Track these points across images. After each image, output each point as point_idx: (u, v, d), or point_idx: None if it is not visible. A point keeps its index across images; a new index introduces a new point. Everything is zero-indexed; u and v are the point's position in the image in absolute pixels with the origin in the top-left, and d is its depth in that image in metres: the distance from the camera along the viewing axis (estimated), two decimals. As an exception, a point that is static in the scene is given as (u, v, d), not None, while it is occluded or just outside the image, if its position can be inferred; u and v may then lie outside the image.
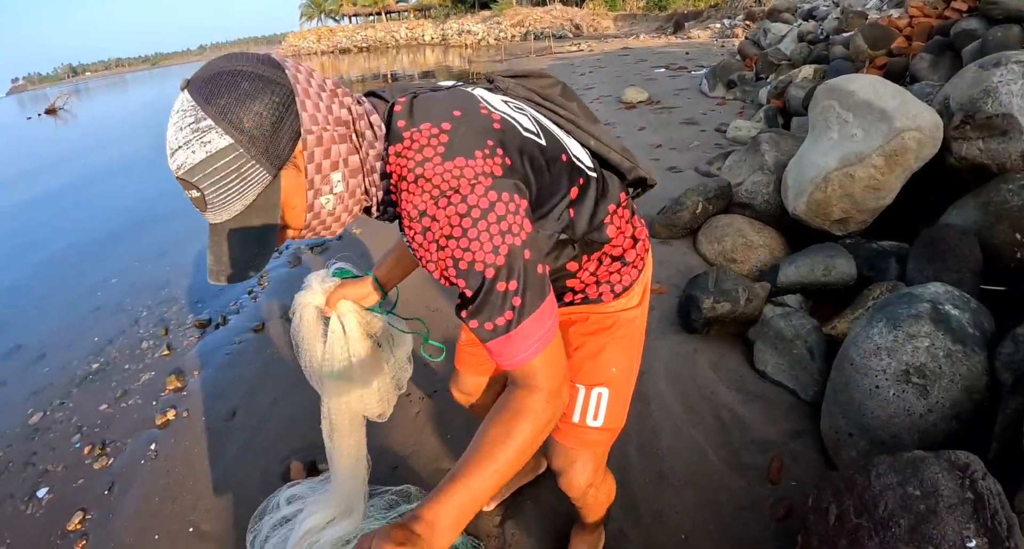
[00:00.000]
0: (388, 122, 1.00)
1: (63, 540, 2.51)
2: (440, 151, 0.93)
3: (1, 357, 4.10)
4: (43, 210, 7.31)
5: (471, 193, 0.90)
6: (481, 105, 1.03)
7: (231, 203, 0.89)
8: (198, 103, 0.83)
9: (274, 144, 0.87)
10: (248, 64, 0.87)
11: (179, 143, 0.84)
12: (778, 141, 3.96)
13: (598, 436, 1.41)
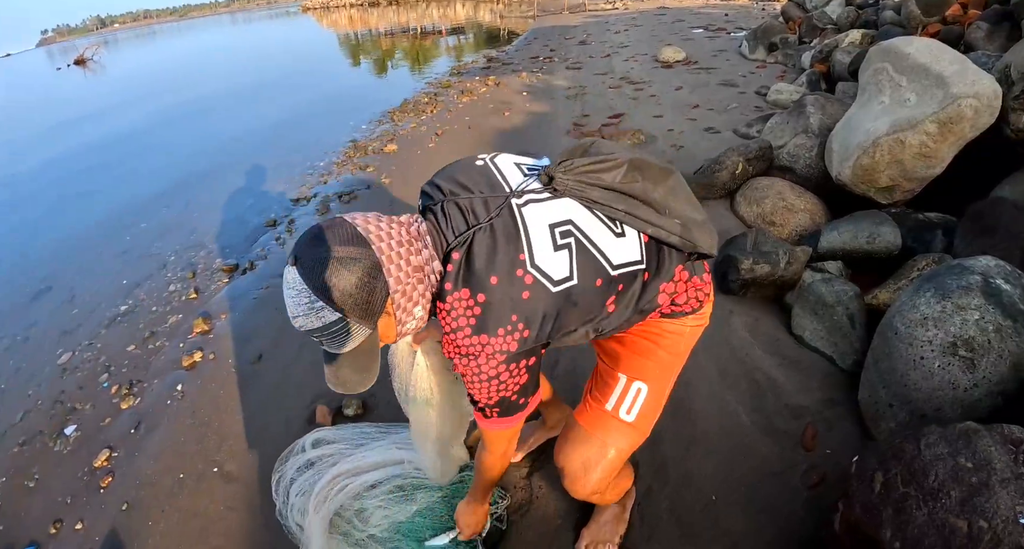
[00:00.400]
0: (443, 264, 1.20)
1: (90, 476, 2.50)
2: (472, 323, 1.16)
3: (31, 298, 4.11)
4: (77, 161, 7.31)
5: (485, 363, 1.18)
6: (520, 260, 1.17)
7: (342, 346, 1.14)
8: (309, 287, 1.05)
9: (370, 309, 1.10)
10: (342, 247, 1.07)
11: (297, 313, 1.08)
12: (824, 104, 3.77)
13: (623, 432, 1.47)
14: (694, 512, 1.92)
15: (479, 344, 1.16)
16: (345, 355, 1.17)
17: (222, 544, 2.07)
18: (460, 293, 1.16)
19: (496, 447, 1.45)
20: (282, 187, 5.34)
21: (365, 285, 1.08)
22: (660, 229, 1.30)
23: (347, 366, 1.18)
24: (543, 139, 5.41)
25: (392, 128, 6.48)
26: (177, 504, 2.25)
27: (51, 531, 2.30)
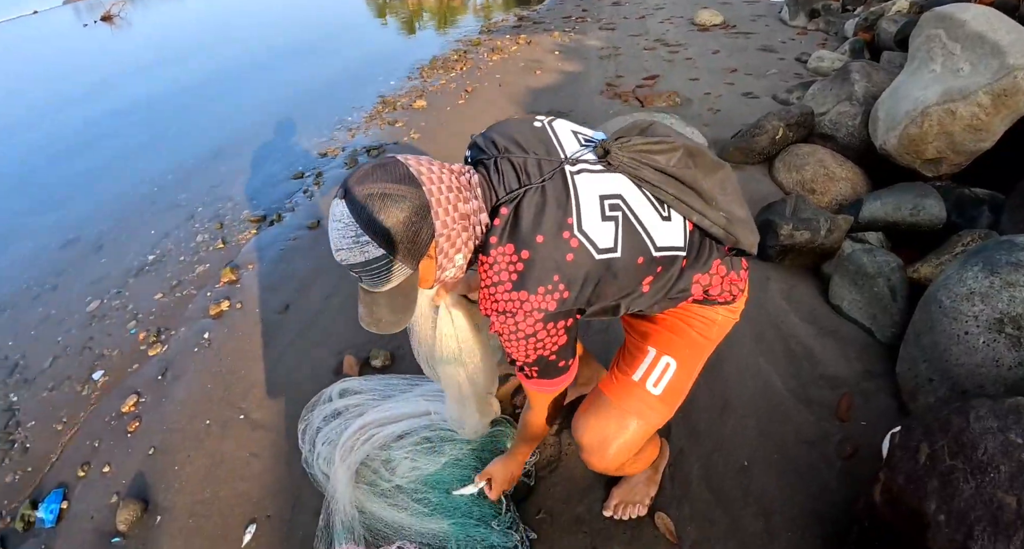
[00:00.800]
0: (490, 218, 1.19)
1: (118, 421, 2.52)
2: (513, 279, 1.15)
3: (60, 247, 4.13)
4: (104, 114, 7.32)
5: (523, 320, 1.17)
6: (568, 223, 1.16)
7: (381, 285, 1.15)
8: (357, 221, 1.05)
9: (414, 249, 1.11)
10: (394, 184, 1.07)
11: (343, 246, 1.09)
12: (870, 72, 3.61)
13: (649, 403, 1.43)
14: (726, 476, 1.89)
15: (518, 300, 1.16)
16: (383, 294, 1.17)
17: (247, 489, 2.08)
18: (505, 248, 1.16)
19: (539, 407, 1.45)
20: (310, 141, 5.29)
21: (412, 224, 1.08)
22: (705, 218, 1.32)
23: (384, 305, 1.19)
24: (575, 98, 5.29)
25: (421, 84, 6.38)
26: (203, 449, 2.26)
27: (79, 473, 2.33)
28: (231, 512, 2.01)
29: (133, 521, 2.05)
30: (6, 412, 2.75)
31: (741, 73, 5.49)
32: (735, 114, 4.48)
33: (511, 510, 1.78)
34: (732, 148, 3.74)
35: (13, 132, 6.81)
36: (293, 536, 1.89)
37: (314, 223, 3.73)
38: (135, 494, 2.16)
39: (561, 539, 1.76)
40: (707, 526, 1.75)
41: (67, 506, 2.22)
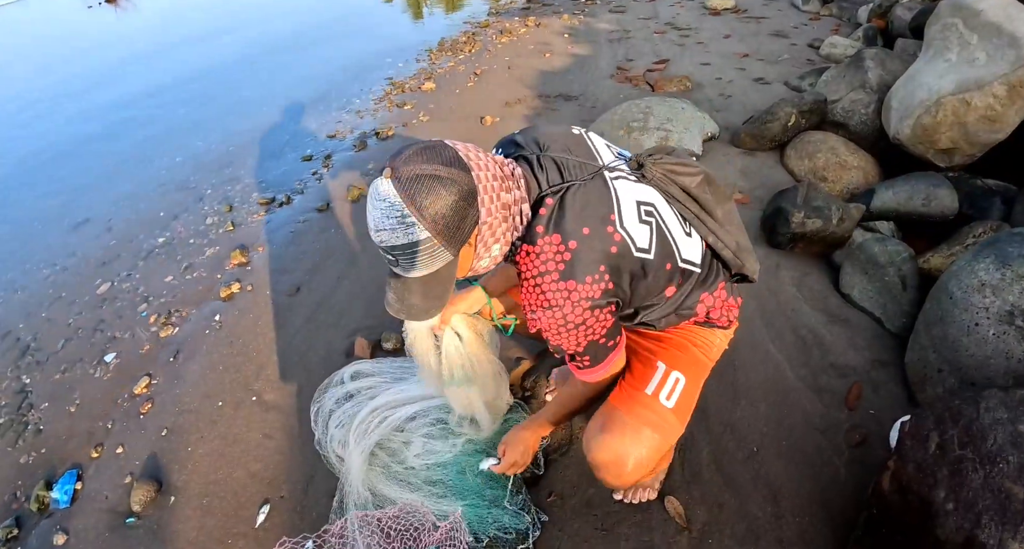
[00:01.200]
0: (537, 210, 1.20)
1: (130, 402, 2.54)
2: (560, 268, 1.16)
3: (71, 229, 4.14)
4: (113, 98, 7.31)
5: (571, 311, 1.18)
6: (611, 219, 1.20)
7: (417, 271, 1.13)
8: (404, 201, 1.04)
9: (459, 235, 1.10)
10: (444, 167, 1.06)
11: (385, 227, 1.07)
12: (884, 60, 3.58)
13: (663, 415, 1.43)
14: (735, 461, 1.90)
15: (565, 290, 1.17)
16: (418, 280, 1.17)
17: (260, 470, 2.10)
18: (551, 238, 1.17)
19: (590, 390, 1.48)
20: (319, 123, 5.27)
21: (459, 209, 1.08)
22: (719, 240, 1.43)
23: (418, 292, 1.18)
24: (585, 82, 5.25)
25: (429, 67, 6.33)
26: (216, 431, 2.28)
27: (93, 454, 2.35)
28: (244, 492, 2.03)
29: (147, 501, 2.08)
30: (19, 394, 2.77)
31: (753, 58, 5.44)
32: (746, 100, 4.44)
33: (523, 492, 1.79)
34: (744, 134, 3.72)
35: (23, 116, 6.80)
36: (306, 516, 1.91)
37: (323, 206, 3.73)
38: (149, 475, 2.18)
39: (572, 521, 1.77)
40: (716, 510, 1.77)
41: (81, 487, 2.24)
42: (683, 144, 3.61)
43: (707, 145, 3.78)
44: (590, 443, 1.44)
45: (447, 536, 1.50)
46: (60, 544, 2.05)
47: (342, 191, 3.84)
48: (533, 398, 2.15)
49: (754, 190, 3.30)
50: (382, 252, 1.14)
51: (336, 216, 3.61)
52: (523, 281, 1.22)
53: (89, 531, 2.06)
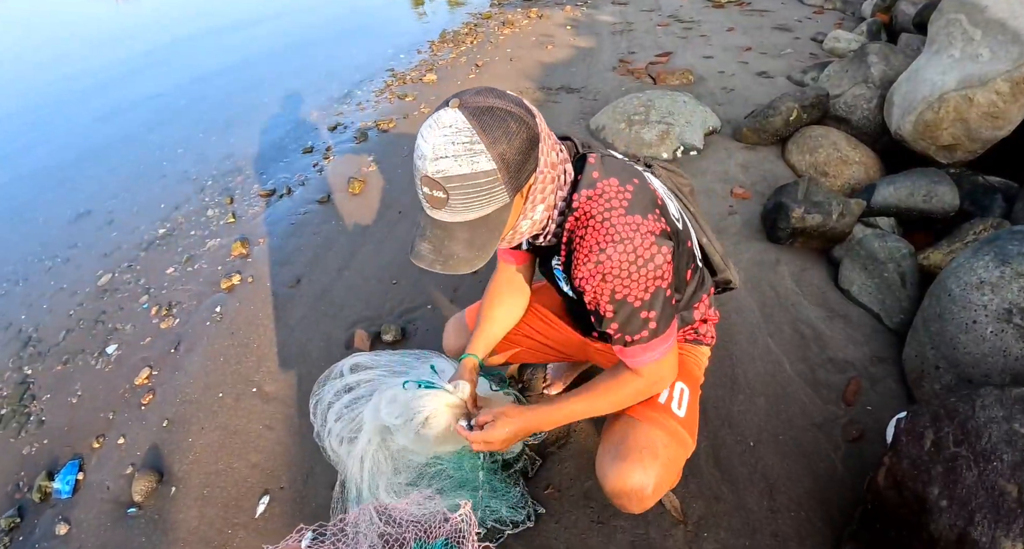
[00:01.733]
0: (579, 169, 1.21)
1: (131, 393, 2.55)
2: (624, 205, 1.15)
3: (72, 220, 4.15)
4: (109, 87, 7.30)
5: (640, 244, 1.14)
6: (649, 182, 1.26)
7: (470, 212, 1.06)
8: (474, 128, 0.99)
9: (519, 176, 1.06)
10: (514, 106, 1.05)
11: (448, 153, 1.00)
12: (888, 54, 3.57)
13: (679, 423, 1.42)
14: (733, 455, 1.91)
15: (634, 224, 1.14)
16: (465, 225, 1.10)
17: (261, 461, 2.11)
18: (609, 180, 1.18)
19: (663, 377, 1.34)
20: (319, 114, 5.27)
21: (524, 150, 1.05)
22: (712, 243, 1.49)
23: (462, 239, 1.11)
24: (587, 74, 5.24)
25: (431, 58, 6.33)
26: (216, 422, 2.29)
27: (94, 445, 2.37)
28: (245, 483, 2.05)
29: (149, 491, 2.09)
30: (21, 385, 2.79)
31: (756, 52, 5.43)
32: (749, 93, 4.44)
33: (520, 484, 1.80)
34: (745, 128, 3.72)
35: (23, 109, 6.80)
36: (306, 507, 1.92)
37: (324, 197, 3.73)
38: (150, 465, 2.19)
39: (568, 514, 1.79)
40: (713, 503, 1.78)
41: (83, 477, 2.26)
42: (684, 138, 3.61)
43: (708, 139, 3.78)
44: (607, 472, 1.37)
45: (457, 528, 1.51)
46: (62, 534, 2.07)
47: (343, 183, 3.84)
48: (528, 391, 2.17)
49: (755, 185, 3.30)
50: (426, 192, 1.06)
51: (337, 208, 3.62)
52: (589, 226, 1.17)
53: (91, 521, 2.08)
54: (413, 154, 1.07)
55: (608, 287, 1.17)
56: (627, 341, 1.23)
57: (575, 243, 1.21)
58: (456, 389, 1.49)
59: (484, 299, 1.68)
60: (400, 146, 4.27)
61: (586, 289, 1.21)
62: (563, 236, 1.25)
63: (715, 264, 1.51)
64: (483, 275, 2.79)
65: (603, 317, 1.23)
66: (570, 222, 1.21)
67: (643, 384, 1.32)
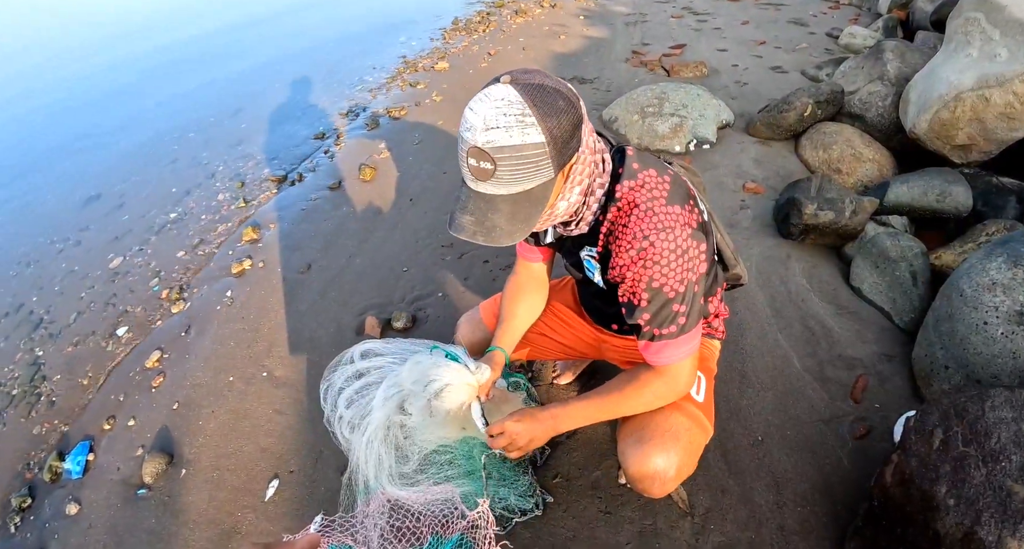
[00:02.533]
0: (619, 161, 1.24)
1: (142, 376, 2.57)
2: (664, 194, 1.19)
3: (82, 204, 4.16)
4: (122, 73, 7.30)
5: (680, 234, 1.17)
6: (681, 175, 1.28)
7: (515, 184, 1.07)
8: (526, 102, 1.02)
9: (565, 152, 1.08)
10: (562, 87, 1.07)
11: (499, 124, 1.01)
12: (904, 52, 3.54)
13: (697, 409, 1.44)
14: (740, 449, 1.92)
15: (674, 213, 1.18)
16: (509, 198, 1.10)
17: (270, 445, 2.13)
18: (649, 171, 1.22)
19: (683, 379, 1.33)
20: (331, 100, 5.27)
21: (571, 128, 1.07)
22: (725, 237, 1.50)
23: (505, 212, 1.11)
24: (600, 65, 5.22)
25: (443, 46, 6.30)
26: (226, 405, 2.31)
27: (105, 427, 2.39)
28: (255, 466, 2.07)
29: (158, 473, 2.11)
30: (32, 366, 2.81)
31: (770, 46, 5.39)
32: (763, 88, 4.41)
33: (529, 473, 1.81)
34: (759, 123, 3.70)
35: (30, 91, 6.81)
36: (316, 492, 1.94)
37: (335, 184, 3.73)
38: (160, 447, 2.21)
39: (576, 503, 1.80)
40: (720, 495, 1.79)
41: (93, 458, 2.28)
42: (697, 131, 3.59)
43: (721, 133, 3.76)
44: (629, 456, 1.38)
45: (473, 525, 1.52)
46: (73, 514, 2.09)
47: (354, 170, 3.84)
48: (538, 381, 2.17)
49: (767, 179, 3.29)
50: (472, 164, 1.07)
51: (348, 194, 3.62)
52: (633, 215, 1.20)
53: (101, 502, 2.10)
54: (459, 128, 1.08)
55: (647, 274, 1.19)
56: (655, 334, 1.24)
57: (617, 231, 1.24)
58: (477, 370, 1.49)
59: (505, 295, 1.69)
60: (412, 133, 4.26)
61: (626, 276, 1.24)
62: (603, 226, 1.27)
63: (727, 259, 1.52)
64: (494, 264, 2.80)
65: (636, 307, 1.24)
66: (612, 212, 1.23)
67: (663, 386, 1.32)
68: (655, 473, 1.35)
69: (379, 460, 1.80)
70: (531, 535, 1.73)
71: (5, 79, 7.19)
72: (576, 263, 1.44)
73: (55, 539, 2.05)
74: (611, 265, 1.27)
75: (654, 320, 1.23)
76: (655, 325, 1.23)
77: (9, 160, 5.05)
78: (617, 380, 1.38)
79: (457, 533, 1.48)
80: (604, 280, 1.36)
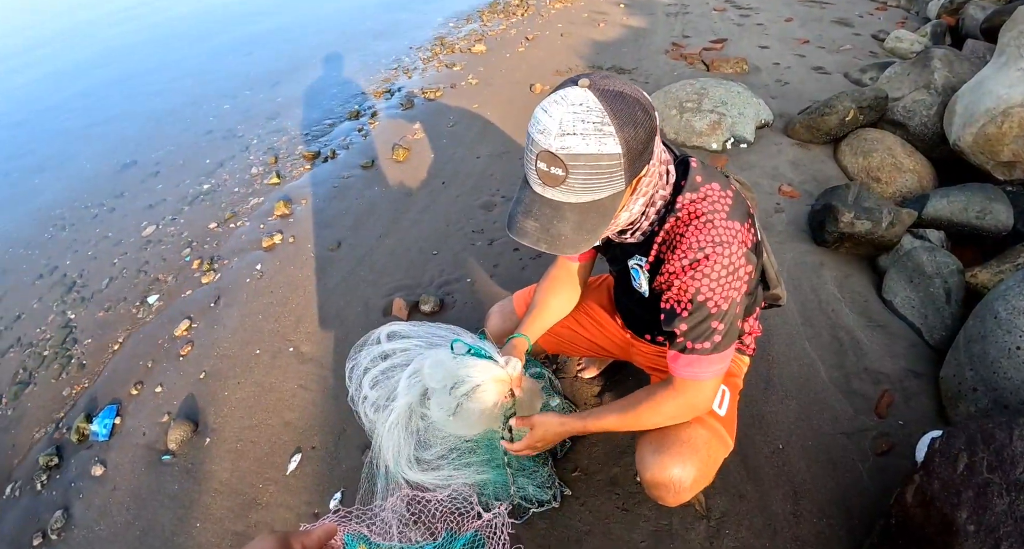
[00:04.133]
0: (681, 174, 1.22)
1: (170, 344, 2.61)
2: (726, 209, 1.18)
3: (119, 170, 4.23)
4: (161, 43, 7.35)
5: (735, 251, 1.16)
6: (743, 190, 1.30)
7: (585, 193, 1.05)
8: (605, 109, 0.99)
9: (637, 165, 1.06)
10: (640, 95, 1.04)
11: (576, 131, 0.98)
12: (953, 61, 3.44)
13: (718, 421, 1.44)
14: (760, 456, 1.91)
15: (733, 229, 1.17)
16: (578, 206, 1.08)
17: (293, 420, 2.16)
18: (712, 185, 1.20)
19: (702, 400, 1.32)
20: (366, 79, 5.27)
21: (645, 140, 1.04)
22: (769, 257, 1.47)
23: (571, 221, 1.09)
24: (639, 56, 5.16)
25: (480, 28, 6.27)
26: (252, 378, 2.34)
27: (132, 392, 2.43)
28: (278, 440, 2.10)
29: (183, 440, 2.15)
30: (63, 329, 2.87)
31: (813, 45, 5.29)
32: (804, 88, 4.34)
33: (549, 465, 1.82)
34: (798, 124, 3.64)
35: (72, 59, 6.88)
36: (336, 469, 1.97)
37: (368, 163, 3.75)
38: (186, 415, 2.26)
39: (594, 497, 1.81)
40: (737, 501, 1.78)
41: (120, 422, 2.33)
42: (736, 129, 3.55)
43: (759, 132, 3.71)
44: (647, 462, 1.39)
45: (489, 524, 1.53)
46: (98, 475, 2.14)
47: (387, 150, 3.85)
48: (562, 374, 2.18)
49: (803, 183, 3.24)
50: (542, 168, 1.04)
51: (381, 174, 3.63)
52: (692, 225, 1.18)
53: (126, 465, 2.15)
54: (529, 128, 1.05)
55: (695, 285, 1.17)
56: (687, 347, 1.23)
57: (673, 240, 1.22)
58: (508, 364, 1.45)
59: (540, 287, 1.68)
60: (446, 116, 4.26)
61: (673, 284, 1.22)
62: (658, 236, 1.25)
63: (769, 279, 1.50)
64: (524, 253, 2.80)
65: (677, 315, 1.22)
66: (670, 222, 1.21)
67: (682, 405, 1.32)
68: (670, 482, 1.36)
69: (399, 446, 1.82)
70: (547, 526, 1.74)
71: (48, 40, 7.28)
72: (622, 270, 1.42)
73: (80, 498, 2.10)
74: (661, 271, 1.25)
75: (691, 332, 1.21)
76: (690, 338, 1.22)
77: (49, 124, 5.13)
78: (635, 396, 1.38)
79: (471, 531, 1.50)
80: (650, 289, 1.35)
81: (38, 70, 6.49)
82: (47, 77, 6.27)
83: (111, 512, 2.02)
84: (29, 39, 7.71)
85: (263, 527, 1.85)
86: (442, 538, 1.55)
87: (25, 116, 5.44)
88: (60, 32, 7.78)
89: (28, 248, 3.57)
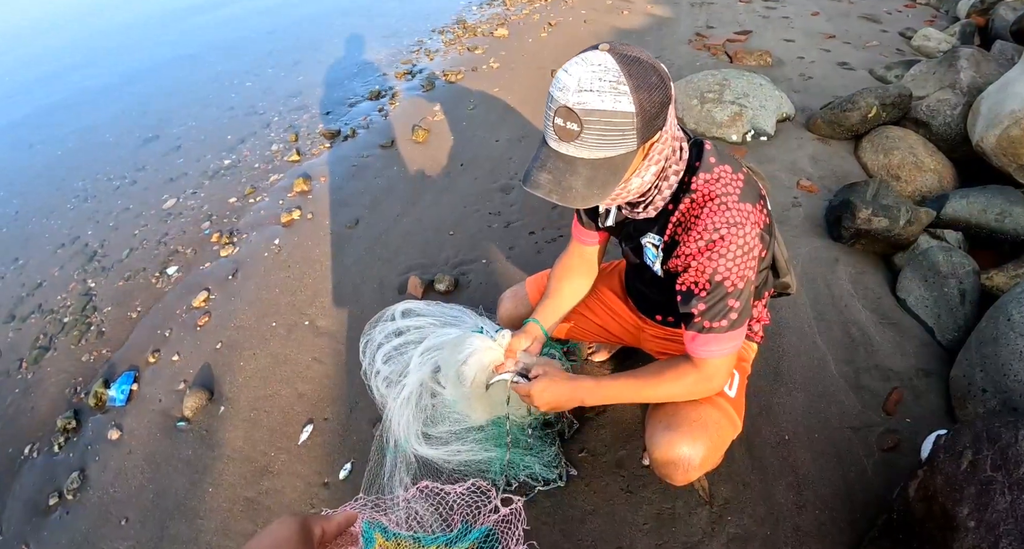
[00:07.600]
0: (696, 154, 1.26)
1: (188, 314, 2.66)
2: (738, 191, 1.22)
3: (141, 144, 4.27)
4: (185, 19, 7.38)
5: (749, 231, 1.20)
6: (752, 175, 1.32)
7: (598, 149, 1.09)
8: (622, 70, 1.03)
9: (650, 127, 1.09)
10: (657, 64, 1.08)
11: (592, 87, 1.03)
12: (980, 61, 3.40)
13: (727, 402, 1.45)
14: (766, 445, 1.92)
15: (745, 210, 1.20)
16: (590, 162, 1.12)
17: (307, 391, 2.20)
18: (724, 167, 1.24)
19: (719, 377, 1.33)
20: (388, 59, 5.29)
21: (659, 105, 1.08)
22: (780, 246, 1.51)
23: (583, 176, 1.12)
24: (662, 45, 5.13)
25: (504, 12, 6.26)
26: (268, 350, 2.38)
27: (150, 360, 2.48)
28: (291, 410, 2.14)
29: (198, 408, 2.20)
30: (84, 297, 2.92)
31: (839, 40, 5.24)
32: (828, 84, 4.30)
33: (556, 444, 1.85)
34: (820, 119, 3.61)
35: (98, 34, 6.93)
36: (348, 440, 2.00)
37: (387, 143, 3.77)
38: (201, 384, 2.30)
39: (599, 479, 1.83)
40: (741, 489, 1.80)
41: (137, 388, 2.38)
42: (757, 122, 3.54)
43: (780, 126, 3.69)
44: (657, 440, 1.39)
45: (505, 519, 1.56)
46: (114, 439, 2.19)
47: (407, 130, 3.87)
48: (573, 357, 2.20)
49: (823, 179, 3.23)
50: (559, 123, 1.08)
51: (400, 154, 3.65)
52: (706, 207, 1.21)
53: (142, 430, 2.20)
54: (551, 88, 1.10)
55: (712, 265, 1.20)
56: (704, 327, 1.25)
57: (688, 222, 1.25)
58: (499, 336, 1.54)
59: (553, 273, 1.71)
60: (467, 98, 4.27)
61: (690, 265, 1.24)
62: (673, 216, 1.28)
63: (779, 267, 1.52)
64: (540, 236, 2.81)
65: (694, 296, 1.25)
66: (685, 203, 1.25)
67: (698, 380, 1.33)
68: (680, 460, 1.36)
69: (409, 421, 1.86)
70: (551, 504, 1.77)
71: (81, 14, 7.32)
72: (635, 248, 1.44)
73: (96, 461, 2.16)
74: (676, 253, 1.28)
75: (708, 312, 1.24)
76: (708, 317, 1.24)
77: (71, 95, 5.19)
78: (656, 365, 1.39)
79: (487, 525, 1.53)
80: (663, 269, 1.36)
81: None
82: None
83: (126, 475, 2.08)
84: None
85: (274, 494, 1.89)
86: (457, 530, 1.59)
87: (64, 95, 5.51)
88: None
89: (51, 218, 3.63)
